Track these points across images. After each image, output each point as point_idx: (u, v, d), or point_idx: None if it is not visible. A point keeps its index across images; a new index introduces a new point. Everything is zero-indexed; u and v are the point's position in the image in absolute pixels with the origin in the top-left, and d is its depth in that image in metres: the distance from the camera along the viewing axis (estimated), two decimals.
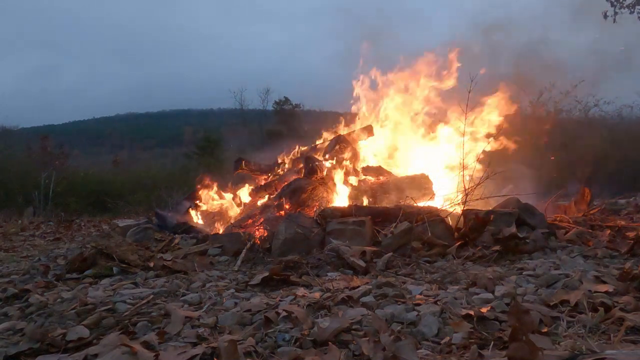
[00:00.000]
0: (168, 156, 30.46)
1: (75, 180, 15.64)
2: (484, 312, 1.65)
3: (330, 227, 3.42)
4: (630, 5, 10.22)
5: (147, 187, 14.63)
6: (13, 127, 25.06)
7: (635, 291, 1.83)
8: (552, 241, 3.26)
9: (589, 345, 1.34)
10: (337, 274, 2.63)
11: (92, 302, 2.08)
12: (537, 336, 1.39)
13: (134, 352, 1.38)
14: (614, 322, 1.54)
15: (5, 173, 14.22)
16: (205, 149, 22.44)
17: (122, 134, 53.98)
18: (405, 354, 1.30)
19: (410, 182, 4.47)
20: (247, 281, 2.50)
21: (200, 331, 1.65)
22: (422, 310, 1.72)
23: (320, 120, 6.25)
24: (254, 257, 3.24)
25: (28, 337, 1.62)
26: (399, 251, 3.06)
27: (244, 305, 1.94)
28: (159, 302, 2.09)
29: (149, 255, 3.24)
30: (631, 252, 2.76)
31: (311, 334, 1.55)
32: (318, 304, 1.90)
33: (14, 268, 3.42)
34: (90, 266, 2.97)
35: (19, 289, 2.42)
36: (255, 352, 1.43)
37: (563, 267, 2.38)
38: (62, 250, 4.49)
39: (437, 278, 2.38)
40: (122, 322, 1.80)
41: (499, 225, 3.21)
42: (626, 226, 3.67)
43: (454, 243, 3.10)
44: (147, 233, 4.22)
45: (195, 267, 2.99)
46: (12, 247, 4.93)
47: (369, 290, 2.08)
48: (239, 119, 39.63)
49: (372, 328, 1.55)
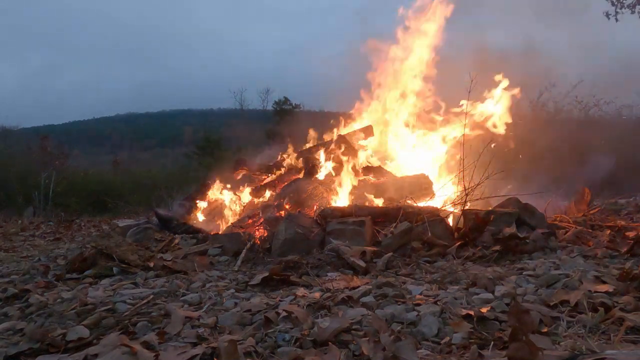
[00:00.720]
0: (168, 156, 30.47)
1: (75, 180, 15.65)
2: (484, 312, 1.65)
3: (330, 227, 3.42)
4: (631, 5, 10.22)
5: (147, 187, 14.64)
6: (13, 127, 25.08)
7: (635, 291, 1.83)
8: (552, 241, 3.25)
9: (589, 345, 1.34)
10: (337, 274, 2.63)
11: (92, 302, 2.08)
12: (537, 336, 1.39)
13: (134, 352, 1.38)
14: (614, 322, 1.54)
15: (5, 173, 14.22)
16: (205, 149, 22.44)
17: (122, 134, 54.01)
18: (405, 354, 1.30)
19: (410, 182, 4.47)
20: (247, 281, 2.50)
21: (200, 331, 1.65)
22: (422, 310, 1.72)
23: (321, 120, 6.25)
24: (254, 257, 3.24)
25: (28, 337, 1.62)
26: (399, 251, 3.06)
27: (244, 306, 1.94)
28: (159, 302, 2.09)
29: (149, 255, 3.24)
30: (631, 252, 2.76)
31: (311, 334, 1.55)
32: (318, 304, 1.90)
33: (14, 268, 3.42)
34: (90, 266, 2.97)
35: (19, 289, 2.42)
36: (255, 352, 1.43)
37: (563, 267, 2.38)
38: (62, 250, 4.50)
39: (437, 278, 2.38)
40: (122, 322, 1.80)
41: (499, 225, 3.21)
42: (626, 226, 3.67)
43: (454, 243, 3.10)
44: (147, 233, 4.22)
45: (195, 267, 2.99)
46: (12, 247, 4.93)
47: (369, 291, 2.08)
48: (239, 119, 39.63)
49: (372, 328, 1.55)
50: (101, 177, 17.05)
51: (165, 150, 38.56)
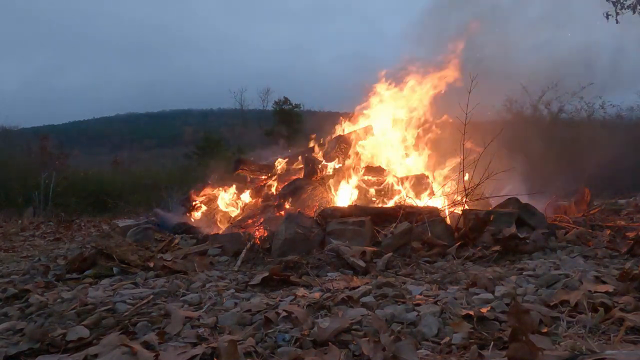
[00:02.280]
0: (168, 156, 30.41)
1: (76, 180, 15.61)
2: (484, 312, 1.65)
3: (330, 227, 3.42)
4: (632, 6, 10.19)
5: (147, 187, 14.62)
6: (13, 127, 25.08)
7: (635, 291, 1.83)
8: (552, 241, 3.26)
9: (589, 346, 1.34)
10: (337, 274, 2.63)
11: (92, 302, 2.08)
12: (537, 336, 1.39)
13: (134, 352, 1.38)
14: (614, 322, 1.54)
15: (5, 173, 14.21)
16: (205, 149, 22.42)
17: (122, 134, 53.93)
18: (405, 354, 1.30)
19: (411, 182, 4.47)
20: (247, 281, 2.50)
21: (200, 331, 1.65)
22: (422, 310, 1.72)
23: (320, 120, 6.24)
24: (254, 257, 3.24)
25: (28, 337, 1.62)
26: (399, 251, 3.06)
27: (244, 306, 1.94)
28: (159, 303, 2.09)
29: (149, 255, 3.24)
30: (631, 253, 2.76)
31: (311, 334, 1.55)
32: (318, 304, 1.90)
33: (14, 268, 3.42)
34: (90, 266, 2.97)
35: (19, 289, 2.42)
36: (255, 353, 1.43)
37: (563, 268, 2.38)
38: (62, 250, 4.50)
39: (437, 278, 2.39)
40: (122, 323, 1.80)
41: (499, 225, 3.21)
42: (626, 226, 3.67)
43: (454, 243, 3.10)
44: (147, 233, 4.22)
45: (195, 268, 2.99)
46: (12, 247, 4.94)
47: (369, 291, 2.08)
48: (239, 119, 39.63)
49: (372, 328, 1.55)
50: (101, 177, 17.01)
51: (165, 150, 38.49)
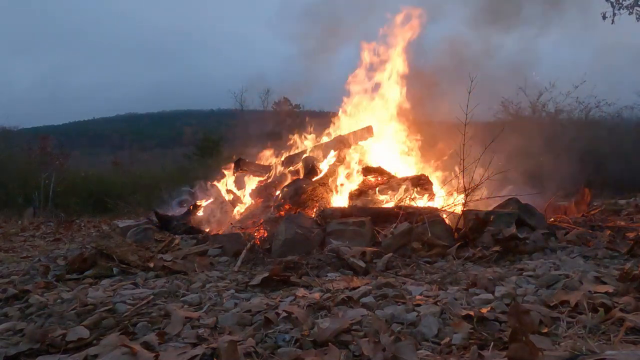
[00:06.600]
0: (168, 156, 30.37)
1: (76, 180, 15.61)
2: (484, 312, 1.65)
3: (330, 227, 3.42)
4: (629, 6, 10.19)
5: (147, 187, 14.61)
6: (13, 127, 25.01)
7: (635, 292, 1.83)
8: (552, 242, 3.26)
9: (589, 346, 1.34)
10: (337, 274, 2.63)
11: (92, 302, 2.08)
12: (537, 337, 1.39)
13: (134, 353, 1.38)
14: (614, 322, 1.54)
15: (5, 173, 14.20)
16: (205, 149, 22.40)
17: (122, 135, 53.87)
18: (405, 355, 1.30)
19: (411, 183, 4.46)
20: (247, 282, 2.50)
21: (200, 332, 1.65)
22: (422, 310, 1.72)
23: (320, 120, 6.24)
24: (254, 258, 3.24)
25: (28, 338, 1.62)
26: (399, 252, 3.06)
27: (244, 306, 1.94)
28: (159, 303, 2.09)
29: (149, 255, 3.24)
30: (631, 253, 2.76)
31: (311, 334, 1.55)
32: (318, 305, 1.90)
33: (13, 268, 3.42)
34: (90, 267, 2.97)
35: (19, 290, 2.41)
36: (255, 353, 1.43)
37: (563, 268, 2.38)
38: (62, 250, 4.49)
39: (437, 279, 2.39)
40: (122, 323, 1.80)
41: (499, 225, 3.21)
42: (626, 227, 3.67)
43: (454, 243, 3.10)
44: (147, 233, 4.22)
45: (195, 268, 2.99)
46: (12, 248, 4.93)
47: (369, 291, 2.08)
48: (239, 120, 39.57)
49: (372, 328, 1.55)
50: (101, 177, 16.99)
51: (165, 150, 38.44)
